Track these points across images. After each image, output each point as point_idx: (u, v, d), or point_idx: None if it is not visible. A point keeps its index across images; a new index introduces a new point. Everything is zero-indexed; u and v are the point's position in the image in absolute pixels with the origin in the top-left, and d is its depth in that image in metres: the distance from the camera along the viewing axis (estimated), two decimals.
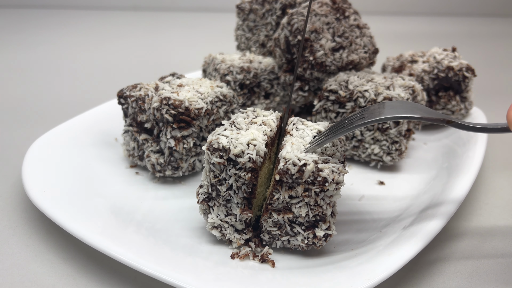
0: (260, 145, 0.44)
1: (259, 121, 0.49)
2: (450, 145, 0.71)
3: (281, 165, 0.43)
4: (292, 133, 0.48)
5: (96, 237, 0.46)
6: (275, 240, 0.47)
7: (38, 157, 0.61)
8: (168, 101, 0.57)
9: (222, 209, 0.47)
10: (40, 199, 0.52)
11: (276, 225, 0.46)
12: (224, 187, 0.45)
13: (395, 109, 0.44)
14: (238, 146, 0.43)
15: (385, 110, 0.44)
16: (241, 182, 0.45)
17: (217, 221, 0.47)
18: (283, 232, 0.46)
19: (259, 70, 0.75)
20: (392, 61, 0.85)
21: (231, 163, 0.44)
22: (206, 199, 0.47)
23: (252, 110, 0.52)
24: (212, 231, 0.48)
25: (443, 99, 0.76)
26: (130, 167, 0.65)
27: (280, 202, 0.45)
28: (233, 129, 0.47)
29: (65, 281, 0.46)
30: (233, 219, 0.47)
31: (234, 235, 0.47)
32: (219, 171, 0.45)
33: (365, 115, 0.45)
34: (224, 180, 0.45)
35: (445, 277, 0.48)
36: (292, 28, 0.69)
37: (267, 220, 0.46)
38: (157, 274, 0.42)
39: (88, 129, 0.72)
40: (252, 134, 0.45)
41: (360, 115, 0.45)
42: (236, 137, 0.45)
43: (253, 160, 0.43)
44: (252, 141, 0.44)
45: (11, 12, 1.98)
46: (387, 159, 0.65)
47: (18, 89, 1.07)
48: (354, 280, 0.41)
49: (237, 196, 0.45)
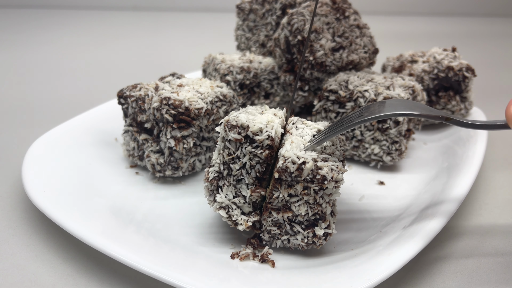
0: (277, 126, 0.45)
1: (270, 112, 0.50)
2: (450, 145, 0.71)
3: (280, 163, 0.43)
4: (292, 132, 0.49)
5: (96, 237, 0.46)
6: (275, 239, 0.47)
7: (38, 157, 0.61)
8: (168, 101, 0.57)
9: (232, 189, 0.47)
10: (40, 199, 0.52)
11: (276, 224, 0.46)
12: (238, 165, 0.46)
13: (394, 107, 0.44)
14: (257, 125, 0.45)
15: (385, 108, 0.44)
16: (255, 161, 0.45)
17: (225, 201, 0.47)
18: (283, 232, 0.46)
19: (259, 70, 0.75)
20: (392, 61, 0.85)
21: (248, 141, 0.45)
22: (216, 177, 0.47)
23: (259, 106, 0.52)
24: (219, 211, 0.47)
25: (443, 99, 0.76)
26: (130, 167, 0.65)
27: (279, 200, 0.45)
28: (248, 113, 0.48)
29: (65, 281, 0.46)
30: (242, 201, 0.47)
31: (242, 217, 0.47)
32: (235, 148, 0.46)
33: (364, 113, 0.45)
34: (238, 159, 0.46)
35: (445, 277, 0.48)
36: (292, 28, 0.69)
37: (266, 220, 0.46)
38: (157, 274, 0.42)
39: (88, 129, 0.72)
40: (269, 117, 0.47)
41: (359, 113, 0.45)
42: (254, 118, 0.46)
43: (271, 138, 0.44)
44: (269, 122, 0.46)
45: (11, 12, 1.98)
46: (387, 159, 0.65)
47: (18, 89, 1.07)
48: (354, 280, 0.41)
49: (249, 176, 0.46)
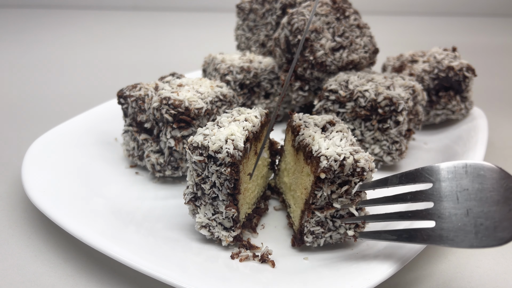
0: (238, 139, 0.45)
1: (242, 119, 0.49)
2: (451, 145, 0.71)
3: (324, 163, 0.43)
4: (303, 128, 0.50)
5: (96, 237, 0.46)
6: (318, 238, 0.47)
7: (38, 157, 0.61)
8: (168, 101, 0.57)
9: (209, 207, 0.47)
10: (40, 199, 0.52)
11: (319, 224, 0.46)
12: (208, 185, 0.46)
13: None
14: (216, 143, 0.44)
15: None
16: (223, 178, 0.45)
17: (204, 220, 0.48)
18: (326, 229, 0.47)
19: (259, 70, 0.75)
20: (392, 61, 0.85)
21: (211, 160, 0.45)
22: (192, 199, 0.48)
23: (237, 110, 0.52)
24: (201, 230, 0.48)
25: (443, 99, 0.76)
26: (130, 167, 0.65)
27: (322, 199, 0.45)
28: (214, 127, 0.48)
29: (65, 281, 0.46)
30: (221, 217, 0.47)
31: (222, 233, 0.47)
32: (201, 169, 0.46)
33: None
34: (207, 178, 0.46)
35: (445, 277, 0.47)
36: (292, 28, 0.69)
37: (309, 221, 0.46)
38: (157, 274, 0.41)
39: (88, 129, 0.72)
40: (231, 130, 0.46)
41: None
42: (215, 134, 0.45)
43: (231, 155, 0.44)
44: (230, 136, 0.45)
45: (11, 12, 1.98)
46: (387, 159, 0.65)
47: (18, 89, 1.07)
48: (354, 280, 0.41)
49: (222, 193, 0.46)
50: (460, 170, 0.39)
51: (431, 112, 0.76)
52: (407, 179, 0.42)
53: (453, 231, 0.38)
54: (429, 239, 0.39)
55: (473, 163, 0.39)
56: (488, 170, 0.38)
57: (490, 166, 0.38)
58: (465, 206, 0.38)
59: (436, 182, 0.40)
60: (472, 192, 0.38)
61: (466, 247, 0.37)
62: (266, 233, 0.52)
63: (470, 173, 0.39)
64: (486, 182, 0.38)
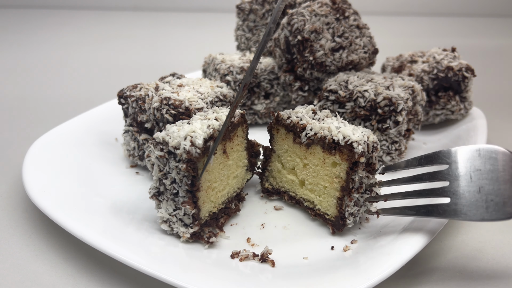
0: (198, 136, 0.45)
1: (212, 117, 0.50)
2: (450, 145, 0.71)
3: (360, 148, 0.46)
4: (305, 123, 0.52)
5: (96, 237, 0.46)
6: (356, 217, 0.51)
7: (38, 157, 0.61)
8: (168, 101, 0.57)
9: (171, 203, 0.48)
10: (40, 199, 0.52)
11: (356, 204, 0.50)
12: (169, 181, 0.47)
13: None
14: (176, 139, 0.45)
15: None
16: (182, 175, 0.46)
17: (166, 215, 0.48)
18: (359, 205, 0.50)
19: (259, 70, 0.75)
20: (391, 61, 0.85)
21: (171, 156, 0.45)
22: (156, 194, 0.49)
23: (213, 109, 0.53)
24: (162, 225, 0.49)
25: (442, 99, 0.76)
26: (130, 167, 0.65)
27: (358, 181, 0.49)
28: (183, 124, 0.48)
29: (65, 281, 0.46)
30: (181, 213, 0.47)
31: (181, 229, 0.48)
32: (163, 165, 0.46)
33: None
34: (168, 174, 0.47)
35: (445, 277, 0.48)
36: (292, 28, 0.69)
37: (349, 205, 0.49)
38: (157, 273, 0.42)
39: (88, 129, 0.72)
40: (192, 127, 0.47)
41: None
42: (177, 131, 0.46)
43: (187, 151, 0.44)
44: (191, 133, 0.46)
45: (11, 12, 1.98)
46: (387, 159, 0.65)
47: (18, 89, 1.07)
48: (354, 280, 0.41)
49: (181, 190, 0.46)
50: (474, 153, 0.44)
51: (431, 112, 0.77)
52: (426, 161, 0.48)
53: (466, 206, 0.43)
54: (444, 214, 0.44)
55: (486, 147, 0.44)
56: (499, 153, 0.43)
57: (502, 149, 0.43)
58: (477, 184, 0.43)
59: (452, 164, 0.45)
60: (484, 172, 0.43)
61: (477, 220, 0.42)
62: (266, 233, 0.52)
63: (483, 155, 0.43)
64: (497, 163, 0.42)
